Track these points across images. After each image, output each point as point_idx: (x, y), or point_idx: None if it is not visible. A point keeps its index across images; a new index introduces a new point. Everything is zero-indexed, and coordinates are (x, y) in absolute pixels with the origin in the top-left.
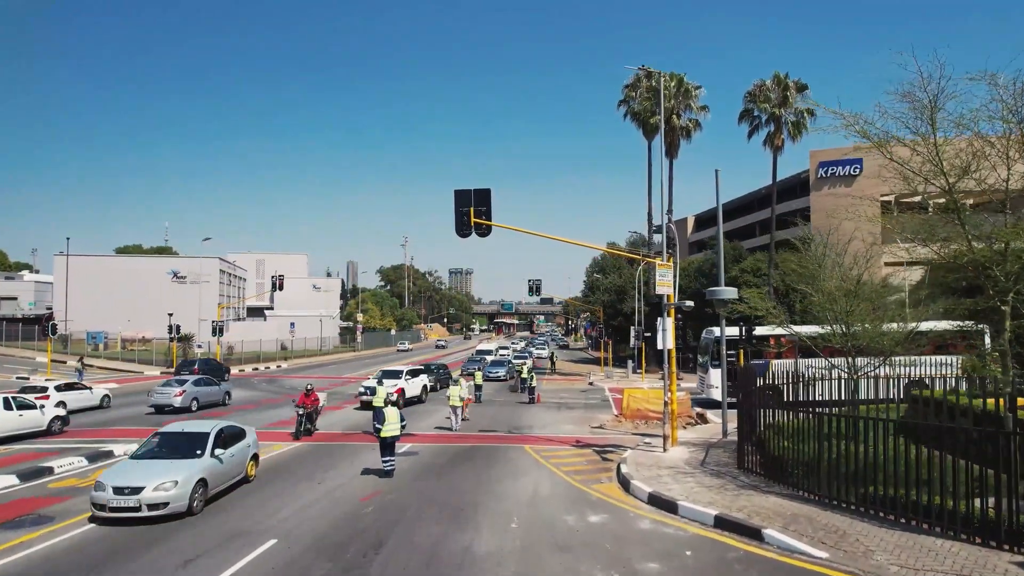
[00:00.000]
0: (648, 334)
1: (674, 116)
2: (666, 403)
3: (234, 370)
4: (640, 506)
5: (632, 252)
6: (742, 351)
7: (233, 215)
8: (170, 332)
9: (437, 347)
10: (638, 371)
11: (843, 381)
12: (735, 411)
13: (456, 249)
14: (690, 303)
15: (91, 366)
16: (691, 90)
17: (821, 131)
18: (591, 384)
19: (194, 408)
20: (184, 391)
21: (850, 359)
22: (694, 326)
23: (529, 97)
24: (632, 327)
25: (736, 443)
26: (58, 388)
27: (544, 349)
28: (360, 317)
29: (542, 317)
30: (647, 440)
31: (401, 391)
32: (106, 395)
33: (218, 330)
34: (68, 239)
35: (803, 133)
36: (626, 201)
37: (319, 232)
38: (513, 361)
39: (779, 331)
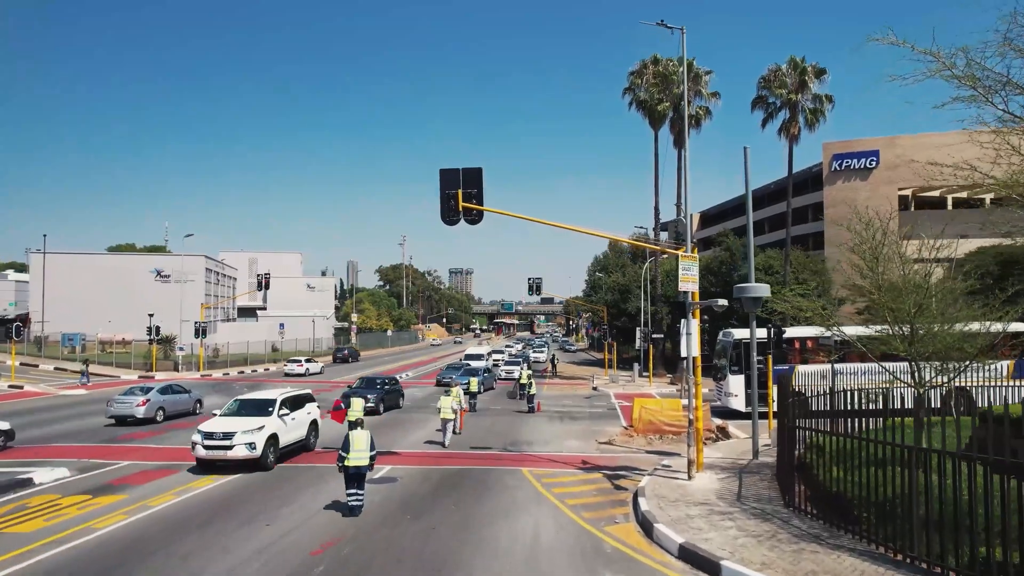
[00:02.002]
0: (657, 335)
1: (682, 103)
2: (691, 421)
3: (217, 373)
4: (669, 562)
5: (644, 242)
6: (769, 356)
7: (233, 215)
8: (149, 334)
9: (455, 343)
10: (645, 375)
11: (909, 392)
12: (758, 422)
13: (456, 249)
14: (723, 302)
15: (80, 371)
16: (701, 75)
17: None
18: (595, 389)
19: (160, 419)
20: (148, 400)
21: (914, 366)
22: (705, 327)
23: (529, 96)
24: (638, 328)
25: (775, 469)
26: None
27: (543, 352)
28: (355, 317)
29: (543, 317)
30: (665, 462)
31: (273, 437)
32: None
33: (201, 331)
34: (44, 236)
35: (821, 121)
36: (629, 200)
37: (319, 232)
38: (495, 369)
39: (827, 333)
